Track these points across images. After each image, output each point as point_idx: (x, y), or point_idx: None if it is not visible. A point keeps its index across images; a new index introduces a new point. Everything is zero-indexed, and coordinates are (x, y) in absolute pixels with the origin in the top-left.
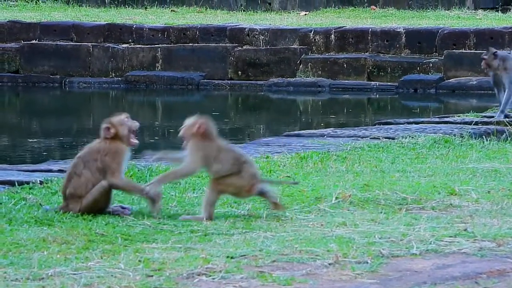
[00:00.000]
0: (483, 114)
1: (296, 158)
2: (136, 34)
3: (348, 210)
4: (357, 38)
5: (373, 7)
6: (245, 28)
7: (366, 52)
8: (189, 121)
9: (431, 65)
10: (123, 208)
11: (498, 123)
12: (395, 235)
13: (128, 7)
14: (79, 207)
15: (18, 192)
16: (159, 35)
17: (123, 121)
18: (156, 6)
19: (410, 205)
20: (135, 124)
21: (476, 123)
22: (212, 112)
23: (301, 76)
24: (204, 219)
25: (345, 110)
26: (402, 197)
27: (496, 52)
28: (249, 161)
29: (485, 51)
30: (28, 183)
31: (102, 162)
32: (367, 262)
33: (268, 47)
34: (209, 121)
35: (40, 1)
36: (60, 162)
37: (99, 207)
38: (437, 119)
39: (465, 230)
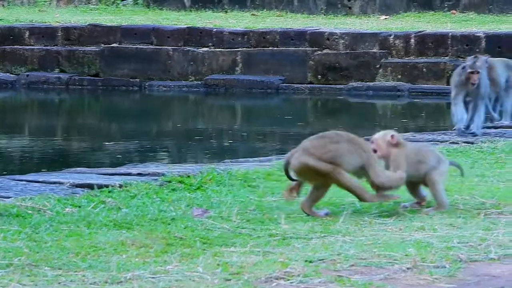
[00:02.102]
0: None
1: None
2: (216, 38)
3: (427, 214)
4: (437, 43)
5: (453, 11)
6: (325, 32)
7: (446, 56)
8: (378, 135)
9: None
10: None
11: None
12: (474, 240)
13: (208, 10)
14: None
15: (97, 196)
16: (239, 38)
17: None
18: (237, 10)
19: (489, 210)
20: None
21: None
22: (292, 116)
23: (380, 80)
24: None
25: (424, 114)
26: (480, 202)
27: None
28: None
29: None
30: (107, 186)
31: None
32: (445, 267)
33: (348, 51)
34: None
35: (120, 5)
36: (139, 166)
37: None
38: None
39: None
